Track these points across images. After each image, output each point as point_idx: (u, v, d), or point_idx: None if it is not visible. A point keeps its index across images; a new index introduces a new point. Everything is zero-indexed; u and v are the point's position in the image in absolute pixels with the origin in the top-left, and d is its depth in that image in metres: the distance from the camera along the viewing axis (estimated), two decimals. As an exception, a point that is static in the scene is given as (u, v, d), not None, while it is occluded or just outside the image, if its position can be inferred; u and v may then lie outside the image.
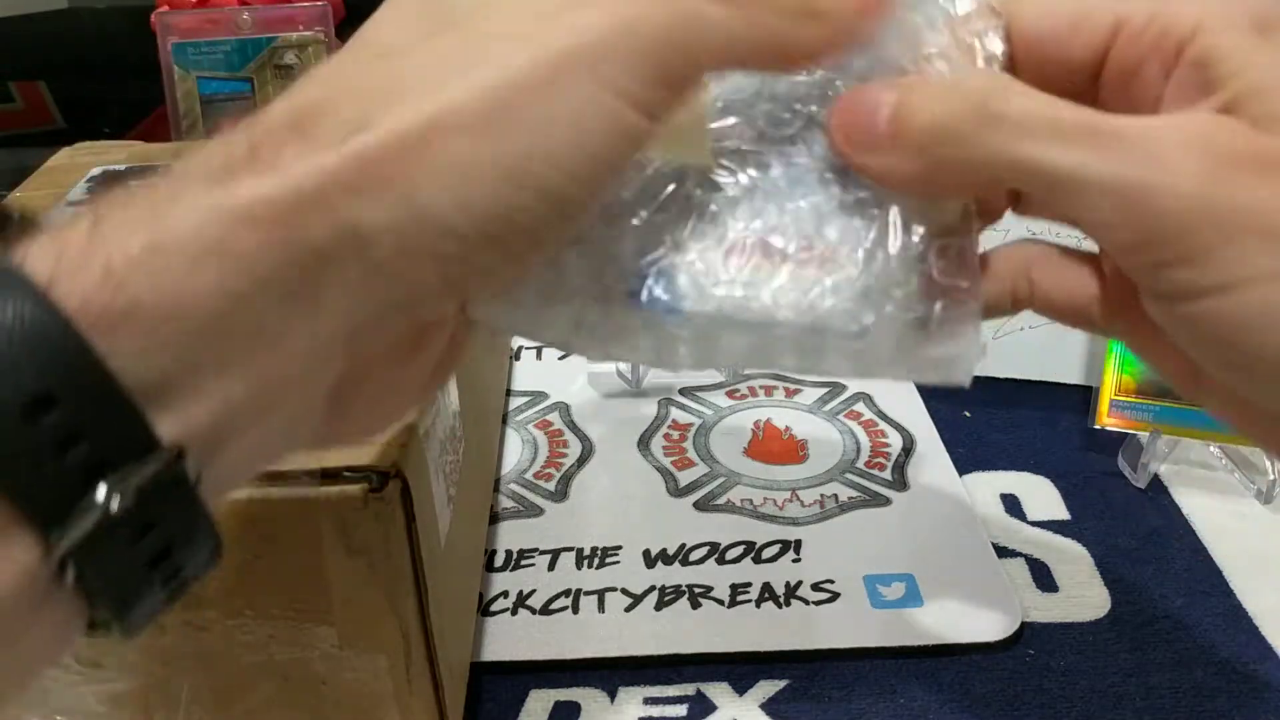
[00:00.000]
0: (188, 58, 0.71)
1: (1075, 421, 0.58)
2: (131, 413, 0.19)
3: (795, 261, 0.25)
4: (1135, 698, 0.42)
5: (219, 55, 0.71)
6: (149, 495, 0.19)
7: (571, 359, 0.63)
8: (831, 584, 0.47)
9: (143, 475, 0.19)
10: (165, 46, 0.71)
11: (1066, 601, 0.46)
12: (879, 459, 0.55)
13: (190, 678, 0.35)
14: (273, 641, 0.34)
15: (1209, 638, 0.45)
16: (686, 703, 0.42)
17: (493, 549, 0.49)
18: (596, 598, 0.46)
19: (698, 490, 0.53)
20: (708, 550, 0.49)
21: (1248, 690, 0.42)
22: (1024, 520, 0.51)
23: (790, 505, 0.52)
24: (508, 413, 0.59)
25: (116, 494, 0.18)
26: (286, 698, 0.35)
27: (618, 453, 0.56)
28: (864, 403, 0.60)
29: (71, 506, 0.18)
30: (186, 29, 0.71)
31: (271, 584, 0.33)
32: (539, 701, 0.42)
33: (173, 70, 0.71)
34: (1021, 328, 0.60)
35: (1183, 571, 0.48)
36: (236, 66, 0.72)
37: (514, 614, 0.46)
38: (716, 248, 0.25)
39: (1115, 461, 0.55)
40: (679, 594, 0.46)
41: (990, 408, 0.59)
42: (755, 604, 0.46)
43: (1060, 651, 0.44)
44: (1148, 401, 0.53)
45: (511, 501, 0.52)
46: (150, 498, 0.19)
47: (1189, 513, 0.52)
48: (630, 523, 0.51)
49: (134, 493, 0.19)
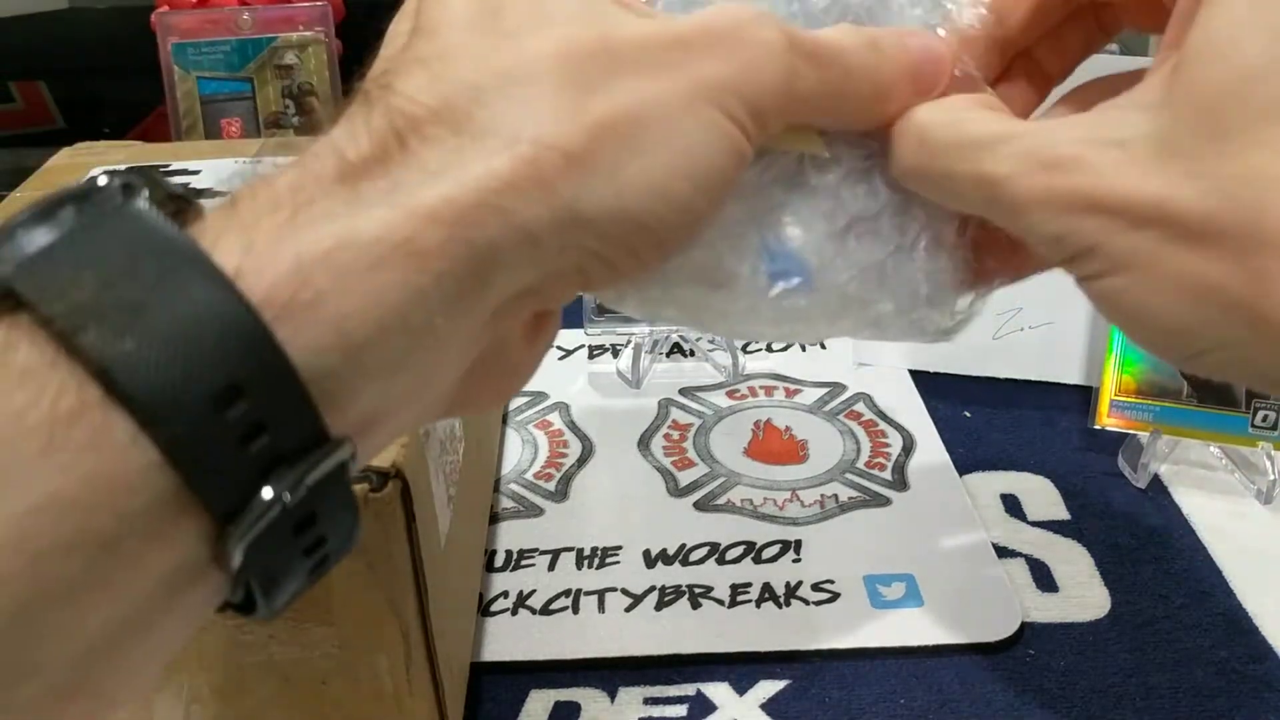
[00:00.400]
0: (188, 58, 0.71)
1: (1075, 421, 0.58)
2: (310, 407, 0.19)
3: (895, 245, 0.27)
4: (1135, 698, 0.42)
5: (219, 55, 0.71)
6: (317, 488, 0.19)
7: (572, 359, 0.64)
8: (831, 584, 0.47)
9: (316, 470, 0.19)
10: (165, 46, 0.71)
11: (1066, 601, 0.46)
12: (879, 459, 0.55)
13: (190, 677, 0.35)
14: (273, 641, 0.34)
15: (1209, 638, 0.45)
16: (686, 703, 0.42)
17: (493, 549, 0.49)
18: (596, 598, 0.46)
19: (698, 490, 0.53)
20: (708, 550, 0.49)
21: (1248, 690, 0.42)
22: (1024, 520, 0.51)
23: (790, 505, 0.52)
24: (508, 413, 0.59)
25: (289, 489, 0.19)
26: (286, 698, 0.35)
27: (618, 453, 0.56)
28: (864, 403, 0.60)
29: (249, 498, 0.18)
30: (186, 29, 0.71)
31: (271, 584, 0.33)
32: (539, 701, 0.42)
33: (173, 70, 0.71)
34: (1022, 328, 0.60)
35: (1183, 571, 0.48)
36: (236, 66, 0.72)
37: (514, 614, 0.46)
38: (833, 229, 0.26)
39: (1115, 461, 0.55)
40: (679, 594, 0.46)
41: (990, 408, 0.59)
42: (755, 604, 0.46)
43: (1060, 651, 0.44)
44: (1148, 401, 0.53)
45: (511, 501, 0.52)
46: (318, 491, 0.19)
47: (1189, 513, 0.52)
48: (630, 523, 0.51)
49: (305, 485, 0.19)
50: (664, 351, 0.63)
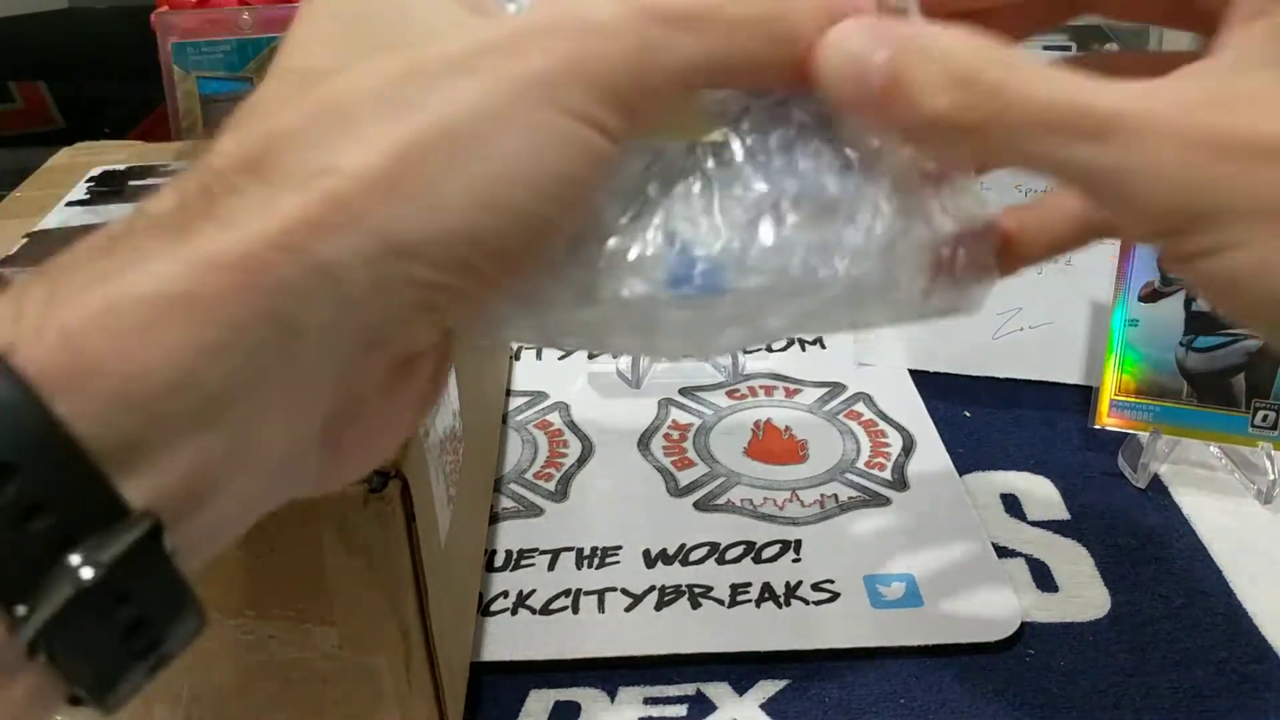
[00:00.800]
0: (188, 58, 0.71)
1: (1075, 421, 0.58)
2: (97, 479, 0.18)
3: (814, 223, 0.24)
4: (1135, 698, 0.42)
5: (219, 55, 0.71)
6: (120, 565, 0.18)
7: (571, 359, 0.63)
8: (831, 584, 0.47)
9: (114, 544, 0.18)
10: (165, 46, 0.71)
11: (1066, 601, 0.46)
12: (879, 459, 0.55)
13: (190, 677, 0.35)
14: (273, 641, 0.34)
15: (1209, 638, 0.45)
16: (686, 703, 0.42)
17: (493, 549, 0.49)
18: (596, 598, 0.46)
19: (698, 490, 0.53)
20: (708, 550, 0.49)
21: (1248, 690, 0.42)
22: (1024, 520, 0.51)
23: (790, 505, 0.52)
24: (508, 413, 0.59)
25: (87, 565, 0.18)
26: (286, 698, 0.35)
27: (618, 453, 0.56)
28: (864, 403, 0.60)
29: (37, 580, 0.18)
30: (186, 29, 0.71)
31: (271, 584, 0.33)
32: (539, 701, 0.42)
33: (173, 70, 0.71)
34: (1021, 328, 0.60)
35: (1183, 571, 0.48)
36: (236, 66, 0.72)
37: (514, 614, 0.46)
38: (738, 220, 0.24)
39: (1115, 461, 0.55)
40: (679, 594, 0.46)
41: (990, 408, 0.59)
42: (755, 604, 0.46)
43: (1060, 651, 0.44)
44: (1148, 401, 0.53)
45: (511, 501, 0.52)
46: (122, 568, 0.18)
47: (1189, 513, 0.52)
48: (630, 523, 0.51)
49: (105, 564, 0.18)
50: (664, 351, 0.63)
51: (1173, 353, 0.53)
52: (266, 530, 0.32)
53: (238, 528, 0.22)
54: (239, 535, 0.22)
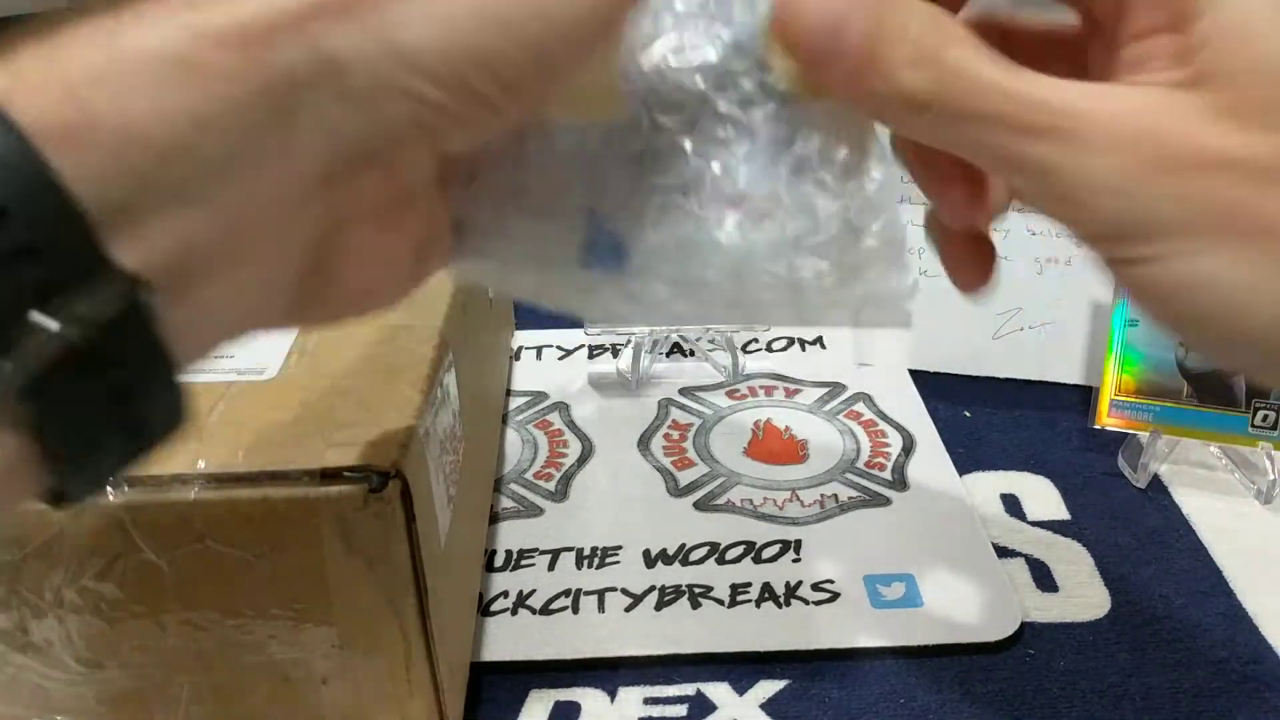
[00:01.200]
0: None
1: (1075, 421, 0.58)
2: (85, 231, 0.18)
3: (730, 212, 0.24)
4: (1135, 698, 0.42)
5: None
6: (106, 325, 0.18)
7: (572, 359, 0.63)
8: (831, 584, 0.47)
9: (98, 299, 0.18)
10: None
11: (1066, 601, 0.46)
12: (879, 459, 0.55)
13: (190, 678, 0.35)
14: (273, 641, 0.34)
15: (1209, 638, 0.45)
16: (686, 703, 0.42)
17: (493, 549, 0.49)
18: (596, 598, 0.46)
19: (698, 490, 0.53)
20: (708, 550, 0.49)
21: (1248, 690, 0.42)
22: (1024, 520, 0.51)
23: (790, 505, 0.52)
24: (508, 413, 0.59)
25: (71, 321, 0.17)
26: (286, 698, 0.35)
27: (618, 453, 0.56)
28: (864, 403, 0.60)
29: (19, 324, 0.17)
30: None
31: (271, 584, 0.33)
32: (539, 701, 0.42)
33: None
34: (1021, 328, 0.60)
35: (1183, 571, 0.48)
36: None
37: (514, 614, 0.46)
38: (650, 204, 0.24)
39: (1115, 461, 0.55)
40: (679, 594, 0.46)
41: (990, 408, 0.59)
42: (755, 604, 0.46)
43: (1060, 651, 0.44)
44: (1148, 401, 0.53)
45: (511, 501, 0.52)
46: (108, 328, 0.18)
47: (1189, 513, 0.52)
48: (630, 523, 0.51)
49: (89, 320, 0.18)
50: (664, 351, 0.63)
51: (1173, 353, 0.53)
52: (267, 530, 0.32)
53: (224, 332, 0.22)
54: (227, 340, 0.22)
